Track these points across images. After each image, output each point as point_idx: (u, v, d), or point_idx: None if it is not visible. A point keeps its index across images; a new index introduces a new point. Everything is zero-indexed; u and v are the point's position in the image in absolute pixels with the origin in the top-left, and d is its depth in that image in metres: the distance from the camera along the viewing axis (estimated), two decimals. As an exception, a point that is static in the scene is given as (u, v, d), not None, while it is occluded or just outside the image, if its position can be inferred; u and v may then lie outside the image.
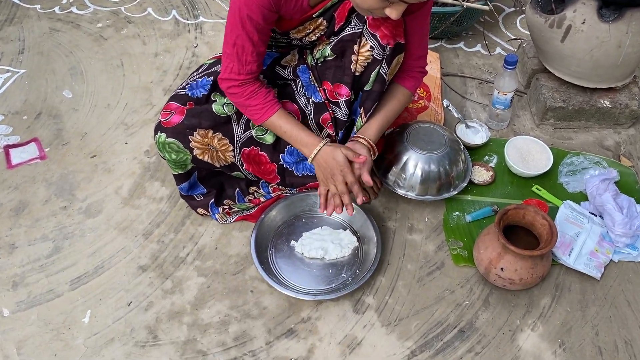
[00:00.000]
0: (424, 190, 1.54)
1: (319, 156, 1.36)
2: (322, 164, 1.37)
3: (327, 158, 1.36)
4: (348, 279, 1.44)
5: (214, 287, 1.44)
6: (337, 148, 1.35)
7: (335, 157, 1.35)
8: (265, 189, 1.61)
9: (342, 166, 1.35)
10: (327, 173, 1.37)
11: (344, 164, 1.35)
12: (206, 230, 1.56)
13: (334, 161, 1.35)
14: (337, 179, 1.36)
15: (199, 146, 1.43)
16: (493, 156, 1.74)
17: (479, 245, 1.42)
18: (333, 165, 1.35)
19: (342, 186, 1.37)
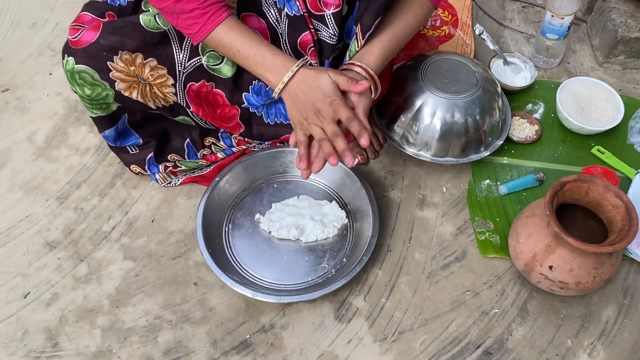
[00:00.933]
0: (443, 149, 1.10)
1: (293, 84, 0.91)
2: (300, 96, 0.91)
3: (307, 86, 0.91)
4: (331, 270, 1.03)
5: (144, 276, 1.04)
6: (322, 71, 0.91)
7: (320, 83, 0.90)
8: (227, 141, 1.18)
9: (330, 95, 0.90)
10: (306, 109, 0.92)
11: (334, 92, 0.90)
12: (142, 196, 1.15)
13: (317, 90, 0.90)
14: (325, 114, 0.90)
15: (124, 77, 0.99)
16: (539, 104, 1.28)
17: (517, 231, 1.00)
18: (316, 96, 0.90)
19: (332, 126, 0.91)
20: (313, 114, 0.91)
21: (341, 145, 0.90)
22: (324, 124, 0.91)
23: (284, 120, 1.13)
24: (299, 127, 0.94)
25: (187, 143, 1.16)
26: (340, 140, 0.90)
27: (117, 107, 1.07)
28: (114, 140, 1.11)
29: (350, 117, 0.91)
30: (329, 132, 0.91)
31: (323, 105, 0.90)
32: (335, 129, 0.91)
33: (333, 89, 0.90)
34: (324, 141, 0.91)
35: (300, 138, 0.95)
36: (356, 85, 0.91)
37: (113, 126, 1.09)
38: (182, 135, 1.16)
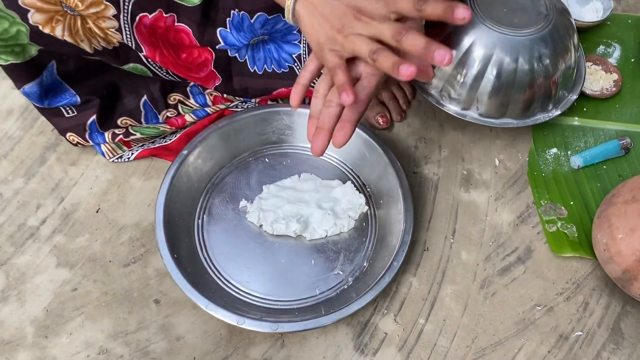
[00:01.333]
0: (499, 107, 0.79)
1: (304, 7, 0.59)
2: (317, 5, 0.58)
3: (323, 14, 0.58)
4: (347, 279, 0.74)
5: (85, 291, 0.74)
6: None
7: None
8: (200, 98, 0.86)
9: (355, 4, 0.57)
10: (338, 15, 0.58)
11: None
12: (83, 176, 0.83)
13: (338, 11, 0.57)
14: (374, 11, 0.57)
15: (41, 6, 0.67)
16: (613, 46, 0.97)
17: (611, 222, 0.70)
18: (340, 5, 0.57)
19: (389, 24, 0.56)
20: (353, 17, 0.57)
21: (419, 41, 0.53)
22: (374, 26, 0.56)
23: (277, 67, 0.81)
24: (328, 47, 0.59)
25: (144, 102, 0.84)
26: (415, 35, 0.54)
27: (39, 51, 0.74)
28: (39, 98, 0.79)
29: (396, 33, 0.54)
30: (389, 34, 0.55)
31: (351, 17, 0.57)
32: (397, 26, 0.55)
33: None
34: (381, 52, 0.55)
35: (334, 60, 0.58)
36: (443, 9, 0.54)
37: (35, 79, 0.76)
38: (137, 91, 0.84)
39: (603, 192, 0.81)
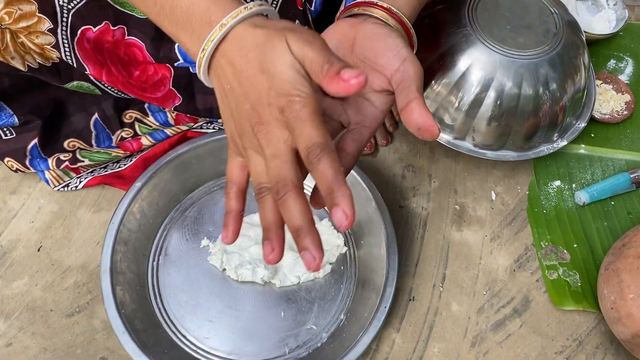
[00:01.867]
0: (498, 137, 0.70)
1: (223, 56, 0.43)
2: (232, 84, 0.43)
3: (246, 64, 0.42)
4: (321, 335, 0.65)
5: (21, 346, 0.64)
6: (278, 34, 0.41)
7: (269, 60, 0.41)
8: (160, 117, 0.75)
9: (286, 91, 0.40)
10: (242, 113, 0.43)
11: (294, 83, 0.40)
12: (24, 207, 0.73)
13: (261, 77, 0.41)
14: (270, 130, 0.41)
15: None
16: (626, 61, 0.87)
17: (621, 278, 0.62)
18: (259, 87, 0.41)
19: (278, 161, 0.41)
20: (250, 129, 0.42)
21: (294, 218, 0.39)
22: (265, 154, 0.42)
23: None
24: (232, 148, 0.47)
25: (95, 121, 0.73)
26: (293, 204, 0.40)
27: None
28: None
29: (314, 148, 0.39)
30: (270, 178, 0.41)
31: (268, 112, 0.41)
32: (283, 173, 0.40)
33: (293, 75, 0.41)
34: (265, 196, 0.42)
35: (233, 172, 0.47)
36: (336, 79, 0.39)
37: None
38: (87, 109, 0.73)
39: (610, 232, 0.73)
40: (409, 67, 0.46)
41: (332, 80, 0.40)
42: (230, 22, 0.42)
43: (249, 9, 0.43)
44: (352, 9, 0.52)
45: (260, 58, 0.41)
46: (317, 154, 0.39)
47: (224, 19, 0.42)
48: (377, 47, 0.48)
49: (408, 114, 0.45)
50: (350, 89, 0.39)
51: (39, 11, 0.58)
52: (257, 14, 0.44)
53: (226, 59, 0.43)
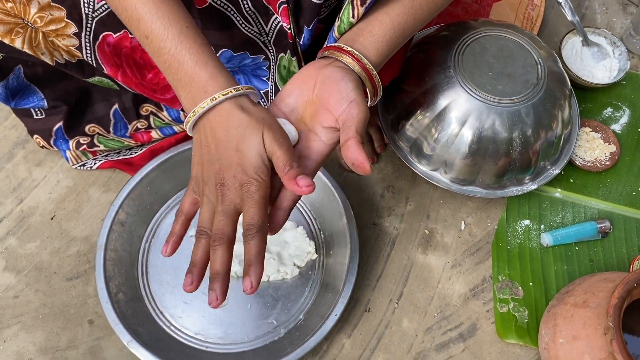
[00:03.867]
0: (469, 173, 0.74)
1: (208, 123, 0.54)
2: (210, 145, 0.54)
3: (224, 136, 0.53)
4: (279, 330, 0.73)
5: (25, 300, 0.75)
6: (257, 124, 0.52)
7: (244, 142, 0.52)
8: (173, 112, 0.84)
9: (248, 173, 0.52)
10: (209, 169, 0.54)
11: (256, 170, 0.52)
12: (45, 178, 0.84)
13: (234, 153, 0.52)
14: (226, 194, 0.52)
15: (0, 17, 0.66)
16: (622, 110, 0.89)
17: (556, 322, 0.66)
18: (229, 159, 0.52)
19: (224, 219, 0.53)
20: (214, 184, 0.53)
21: (217, 265, 0.52)
22: (218, 208, 0.53)
23: (246, 98, 0.78)
24: (193, 186, 0.57)
25: (115, 111, 0.83)
26: (221, 254, 0.52)
27: (3, 57, 0.73)
28: (6, 99, 0.78)
29: (252, 227, 0.51)
30: (214, 227, 0.53)
31: (231, 180, 0.52)
32: (224, 229, 0.52)
33: (259, 162, 0.52)
34: (202, 239, 0.54)
35: (185, 205, 0.57)
36: (293, 182, 0.51)
37: (0, 81, 0.76)
38: (109, 99, 0.83)
39: (569, 276, 0.77)
40: (353, 109, 0.54)
41: (289, 180, 0.51)
42: (221, 98, 0.52)
43: (238, 91, 0.53)
44: (324, 52, 0.59)
45: (238, 138, 0.52)
46: (253, 232, 0.51)
47: (217, 94, 0.52)
48: (330, 89, 0.55)
49: (345, 150, 0.53)
50: (301, 192, 0.51)
51: (67, 17, 0.67)
52: (243, 95, 0.54)
53: (210, 125, 0.53)
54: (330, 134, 0.56)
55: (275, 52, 0.70)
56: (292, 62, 0.69)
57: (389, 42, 0.59)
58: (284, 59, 0.69)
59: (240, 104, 0.53)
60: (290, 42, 0.66)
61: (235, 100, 0.53)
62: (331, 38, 0.63)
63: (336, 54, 0.57)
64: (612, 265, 0.77)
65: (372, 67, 0.58)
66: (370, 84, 0.58)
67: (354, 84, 0.55)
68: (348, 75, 0.55)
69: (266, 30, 0.69)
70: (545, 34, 0.97)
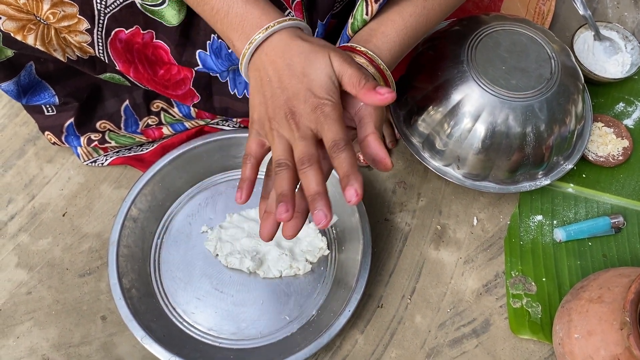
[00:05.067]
0: (482, 168, 0.74)
1: (266, 55, 0.54)
2: (272, 79, 0.53)
3: (286, 65, 0.52)
4: (292, 326, 0.73)
5: (38, 296, 0.75)
6: (322, 47, 0.53)
7: (311, 66, 0.52)
8: (184, 109, 0.84)
9: (320, 95, 0.52)
10: (276, 104, 0.53)
11: (327, 90, 0.52)
12: (57, 175, 0.84)
13: (302, 78, 0.52)
14: (301, 122, 0.52)
15: (13, 14, 0.65)
16: (635, 105, 0.89)
17: (571, 317, 0.66)
18: (297, 87, 0.52)
19: (305, 144, 0.51)
20: (283, 115, 0.52)
21: (313, 185, 0.50)
22: (294, 136, 0.52)
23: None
24: (257, 128, 0.56)
25: (126, 107, 0.83)
26: (314, 175, 0.50)
27: (15, 53, 0.73)
28: (17, 96, 0.78)
29: (339, 142, 0.50)
30: (297, 153, 0.52)
31: (302, 107, 0.52)
32: (309, 150, 0.51)
33: (329, 84, 0.52)
34: (283, 170, 0.52)
35: (252, 147, 0.56)
36: (373, 92, 0.51)
37: (12, 78, 0.76)
38: (120, 95, 0.83)
39: (582, 271, 0.76)
40: (369, 107, 0.54)
41: (368, 92, 0.51)
42: (276, 27, 0.53)
43: (291, 20, 0.54)
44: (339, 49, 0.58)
45: (304, 64, 0.52)
46: (341, 147, 0.50)
47: (273, 22, 0.53)
48: None
49: (365, 147, 0.53)
50: (384, 100, 0.51)
51: (79, 13, 0.66)
52: (296, 27, 0.54)
53: (268, 59, 0.53)
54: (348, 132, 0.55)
55: None
56: None
57: (401, 43, 0.59)
58: None
59: (298, 34, 0.53)
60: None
61: (293, 30, 0.53)
62: (344, 36, 0.63)
63: (350, 54, 0.57)
64: (626, 260, 0.77)
65: (386, 68, 0.58)
66: (383, 83, 0.58)
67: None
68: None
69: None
70: (556, 29, 0.96)
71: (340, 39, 0.63)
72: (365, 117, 0.54)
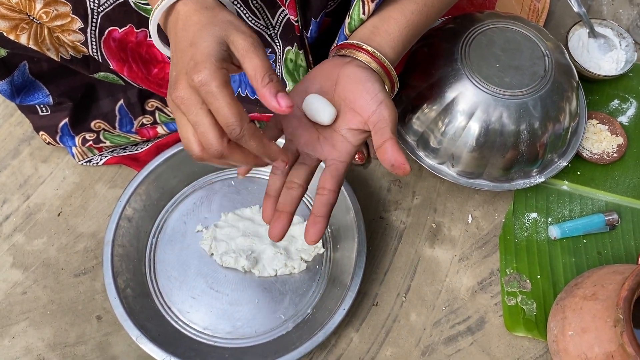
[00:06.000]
0: (476, 166, 0.74)
1: (171, 25, 0.50)
2: (179, 37, 0.48)
3: (182, 35, 0.48)
4: (287, 324, 0.73)
5: (33, 296, 0.75)
6: (225, 23, 0.47)
7: (200, 36, 0.46)
8: (178, 108, 0.83)
9: (198, 67, 0.44)
10: (177, 69, 0.47)
11: (206, 63, 0.44)
12: (52, 175, 0.84)
13: (188, 49, 0.46)
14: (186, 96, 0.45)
15: (5, 13, 0.66)
16: (630, 102, 0.89)
17: (565, 314, 0.66)
18: (187, 54, 0.46)
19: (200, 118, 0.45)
20: (174, 97, 0.46)
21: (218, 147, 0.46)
22: (190, 112, 0.45)
23: (251, 93, 0.78)
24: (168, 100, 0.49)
25: (120, 106, 0.83)
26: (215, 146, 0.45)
27: (8, 53, 0.73)
28: (11, 96, 0.78)
29: (232, 125, 0.44)
30: (197, 130, 0.46)
31: (185, 77, 0.45)
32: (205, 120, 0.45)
33: (214, 50, 0.45)
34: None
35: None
36: (271, 97, 0.45)
37: (6, 78, 0.76)
38: (114, 95, 0.82)
39: (576, 268, 0.76)
40: (384, 111, 0.52)
41: (269, 95, 0.45)
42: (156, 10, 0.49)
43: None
44: (340, 49, 0.58)
45: (195, 33, 0.46)
46: (238, 136, 0.45)
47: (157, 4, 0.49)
48: (356, 90, 0.54)
49: (383, 153, 0.51)
50: (277, 110, 0.45)
51: (73, 12, 0.66)
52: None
53: (172, 28, 0.49)
54: (358, 136, 0.55)
55: (281, 45, 0.70)
56: (300, 55, 0.69)
57: (404, 40, 0.59)
58: (291, 52, 0.69)
59: (205, 5, 0.48)
60: (298, 35, 0.66)
61: (190, 8, 0.48)
62: (342, 36, 0.63)
63: (354, 53, 0.57)
64: (620, 257, 0.77)
65: (391, 66, 0.58)
66: (388, 82, 0.58)
67: (379, 85, 0.54)
68: (372, 75, 0.55)
69: (272, 23, 0.68)
70: (551, 26, 0.96)
71: (338, 39, 0.63)
72: (380, 122, 0.52)
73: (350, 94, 0.54)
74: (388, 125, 0.52)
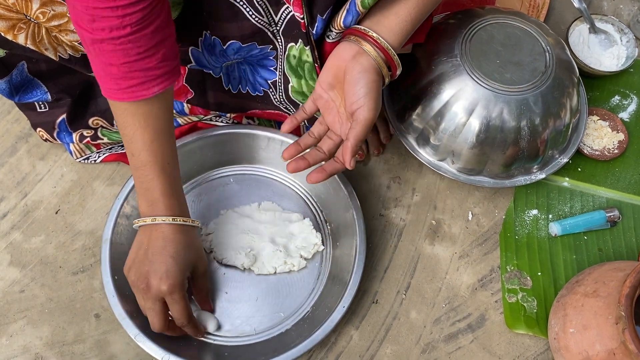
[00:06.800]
0: (476, 162, 0.74)
1: (152, 233, 0.65)
2: (147, 251, 0.65)
3: (161, 248, 0.65)
4: (287, 322, 0.72)
5: (31, 294, 0.75)
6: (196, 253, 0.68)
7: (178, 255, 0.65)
8: (177, 104, 0.83)
9: (170, 287, 0.63)
10: (139, 272, 0.65)
11: (176, 286, 0.64)
12: (49, 172, 0.83)
13: (168, 258, 0.64)
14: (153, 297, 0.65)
15: (2, 13, 0.65)
16: (631, 98, 0.88)
17: (566, 312, 0.66)
18: (157, 267, 0.64)
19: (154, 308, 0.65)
20: (141, 284, 0.64)
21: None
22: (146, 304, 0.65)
23: (252, 90, 0.78)
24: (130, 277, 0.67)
25: (118, 104, 0.82)
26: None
27: (7, 53, 0.72)
28: (10, 94, 0.77)
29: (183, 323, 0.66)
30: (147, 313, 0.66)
31: (157, 282, 0.64)
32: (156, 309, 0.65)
33: (183, 279, 0.65)
34: None
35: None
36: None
37: (4, 77, 0.75)
38: (112, 92, 0.82)
39: (577, 265, 0.76)
40: (360, 114, 0.61)
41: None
42: (172, 220, 0.64)
43: (184, 222, 0.65)
44: (349, 36, 0.64)
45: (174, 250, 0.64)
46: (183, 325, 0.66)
47: (168, 217, 0.64)
48: (349, 89, 0.62)
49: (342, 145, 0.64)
50: None
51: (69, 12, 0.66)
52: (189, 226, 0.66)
53: (153, 234, 0.64)
54: None
55: (283, 42, 0.69)
56: (305, 51, 0.68)
57: (412, 20, 0.63)
58: (294, 49, 0.68)
59: (181, 231, 0.65)
60: (303, 31, 0.65)
61: (179, 227, 0.64)
62: (353, 9, 0.62)
63: (361, 42, 0.62)
64: (622, 254, 0.77)
65: (394, 52, 0.63)
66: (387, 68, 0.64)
67: (367, 88, 0.61)
68: (367, 75, 0.61)
69: (275, 20, 0.68)
70: (551, 22, 0.96)
71: (348, 13, 0.63)
72: (355, 121, 0.62)
73: (348, 88, 0.63)
74: (357, 126, 0.62)
